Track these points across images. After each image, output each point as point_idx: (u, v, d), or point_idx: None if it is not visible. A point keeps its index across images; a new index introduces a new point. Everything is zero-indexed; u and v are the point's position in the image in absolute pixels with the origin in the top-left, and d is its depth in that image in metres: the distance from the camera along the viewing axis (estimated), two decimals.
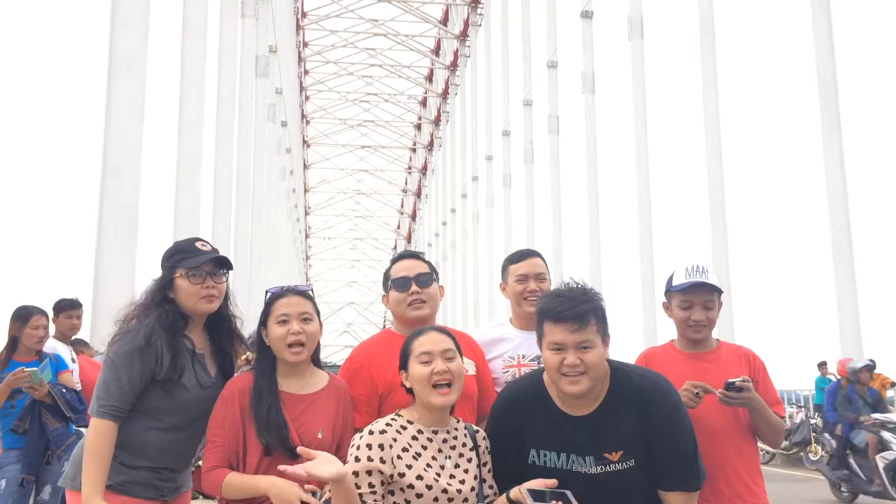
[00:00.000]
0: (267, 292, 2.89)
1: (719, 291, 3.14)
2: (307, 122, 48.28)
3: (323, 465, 2.34)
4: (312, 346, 2.84)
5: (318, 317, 2.89)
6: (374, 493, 2.44)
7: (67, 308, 5.87)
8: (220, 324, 3.02)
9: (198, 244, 2.95)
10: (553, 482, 2.45)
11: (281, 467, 2.48)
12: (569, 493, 2.37)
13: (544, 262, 3.47)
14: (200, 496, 3.32)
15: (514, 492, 2.46)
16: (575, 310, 2.50)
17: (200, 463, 3.19)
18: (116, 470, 2.76)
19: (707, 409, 2.95)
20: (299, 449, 2.43)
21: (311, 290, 2.92)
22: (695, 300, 3.11)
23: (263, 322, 2.83)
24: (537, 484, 2.43)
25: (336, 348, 52.92)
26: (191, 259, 2.88)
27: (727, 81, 19.29)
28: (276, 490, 2.57)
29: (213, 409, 2.81)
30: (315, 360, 2.92)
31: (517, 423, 2.62)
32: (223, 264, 2.96)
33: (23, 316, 5.18)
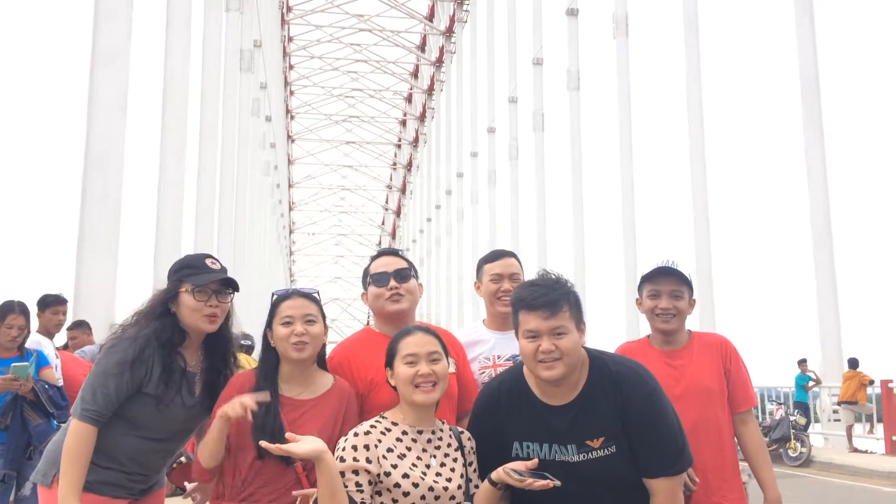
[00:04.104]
0: (273, 294, 2.90)
1: (689, 285, 3.16)
2: (292, 118, 48.12)
3: (304, 444, 2.37)
4: (317, 346, 2.84)
5: (324, 319, 2.89)
6: (362, 491, 2.44)
7: (53, 304, 5.82)
8: (218, 344, 3.01)
9: (207, 261, 2.94)
10: (534, 463, 2.50)
11: (263, 443, 2.51)
12: (548, 475, 2.43)
13: (519, 262, 3.48)
14: (181, 493, 3.32)
15: (498, 472, 2.49)
16: (547, 297, 2.53)
17: (182, 459, 3.20)
18: (87, 469, 2.76)
19: (682, 405, 2.94)
20: (288, 434, 2.46)
21: (317, 293, 2.93)
22: (662, 288, 3.14)
23: (269, 324, 2.84)
24: (518, 466, 2.49)
25: None
26: (198, 276, 2.88)
27: (711, 79, 19.44)
28: (219, 413, 2.63)
29: (214, 408, 2.80)
30: (320, 363, 2.92)
31: (500, 417, 2.64)
32: (230, 285, 2.95)
33: (0, 312, 5.14)
